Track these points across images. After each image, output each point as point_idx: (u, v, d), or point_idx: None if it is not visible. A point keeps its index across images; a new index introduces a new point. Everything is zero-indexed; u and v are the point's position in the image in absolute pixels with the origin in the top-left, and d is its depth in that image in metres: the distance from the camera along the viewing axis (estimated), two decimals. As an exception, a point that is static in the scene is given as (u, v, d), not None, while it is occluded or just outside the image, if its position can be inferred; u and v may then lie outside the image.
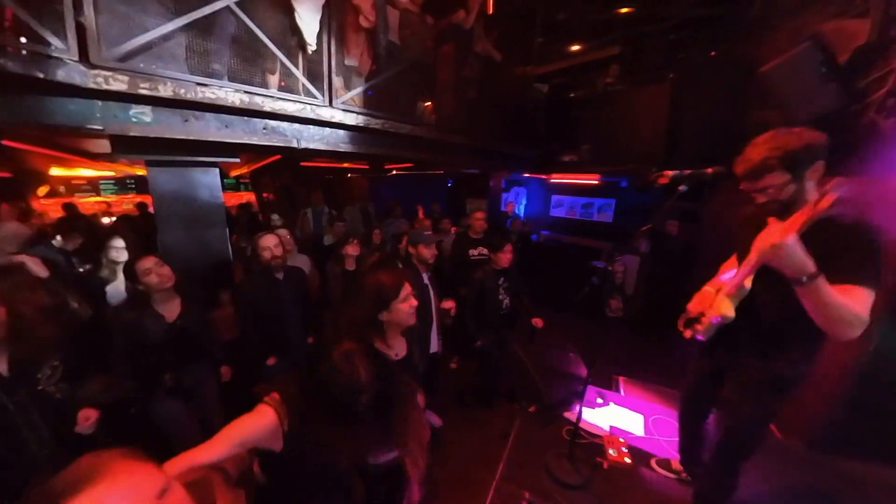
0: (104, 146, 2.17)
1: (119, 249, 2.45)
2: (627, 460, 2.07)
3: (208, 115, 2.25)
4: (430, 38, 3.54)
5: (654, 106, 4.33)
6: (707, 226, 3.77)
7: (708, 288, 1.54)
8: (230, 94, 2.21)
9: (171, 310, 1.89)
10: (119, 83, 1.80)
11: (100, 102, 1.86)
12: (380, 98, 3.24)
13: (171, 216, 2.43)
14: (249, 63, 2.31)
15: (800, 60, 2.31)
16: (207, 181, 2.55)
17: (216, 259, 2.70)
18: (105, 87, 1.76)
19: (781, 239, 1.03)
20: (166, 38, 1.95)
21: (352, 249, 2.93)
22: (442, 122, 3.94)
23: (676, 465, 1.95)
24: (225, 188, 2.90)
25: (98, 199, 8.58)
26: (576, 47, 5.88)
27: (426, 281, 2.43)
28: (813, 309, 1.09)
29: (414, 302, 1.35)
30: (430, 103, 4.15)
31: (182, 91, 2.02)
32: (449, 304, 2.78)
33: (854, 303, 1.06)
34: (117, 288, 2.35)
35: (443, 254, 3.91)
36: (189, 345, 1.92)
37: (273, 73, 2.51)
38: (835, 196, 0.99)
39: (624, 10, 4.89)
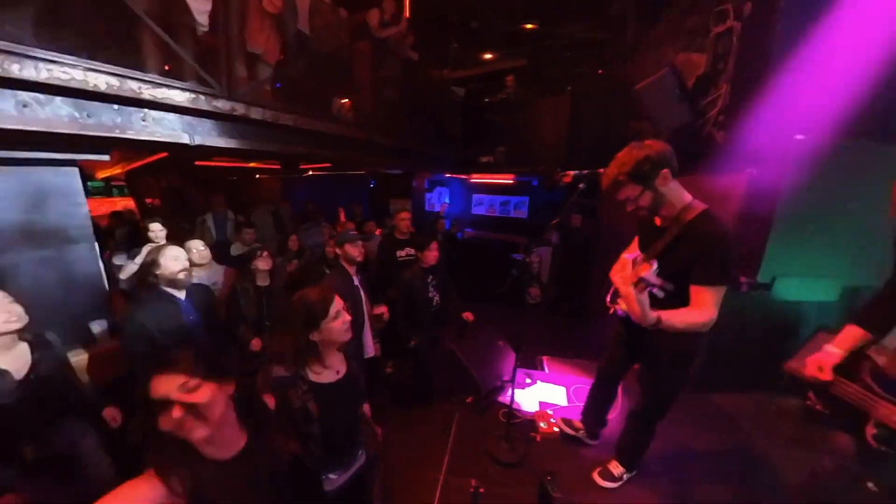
0: None
1: None
2: (556, 429, 2.30)
3: (60, 100, 1.78)
4: (345, 31, 3.39)
5: (556, 114, 4.88)
6: (603, 219, 4.39)
7: (625, 255, 1.70)
8: (92, 75, 1.79)
9: (17, 361, 1.45)
10: None
11: None
12: (292, 91, 2.99)
13: (11, 233, 1.88)
14: (121, 38, 1.91)
15: (661, 83, 2.85)
16: (64, 185, 2.03)
17: (83, 284, 2.18)
18: None
19: (626, 291, 1.22)
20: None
21: (263, 263, 2.56)
22: (360, 121, 3.81)
23: (578, 423, 2.22)
24: (90, 193, 2.35)
25: None
26: (488, 56, 6.27)
27: (356, 283, 2.33)
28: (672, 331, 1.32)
29: (347, 317, 1.28)
30: (347, 100, 3.98)
31: (15, 67, 1.56)
32: (381, 310, 2.71)
33: (701, 309, 1.30)
34: None
35: (369, 256, 3.79)
36: (51, 401, 1.50)
37: (155, 53, 2.12)
38: (647, 271, 1.15)
39: (528, 25, 5.38)
